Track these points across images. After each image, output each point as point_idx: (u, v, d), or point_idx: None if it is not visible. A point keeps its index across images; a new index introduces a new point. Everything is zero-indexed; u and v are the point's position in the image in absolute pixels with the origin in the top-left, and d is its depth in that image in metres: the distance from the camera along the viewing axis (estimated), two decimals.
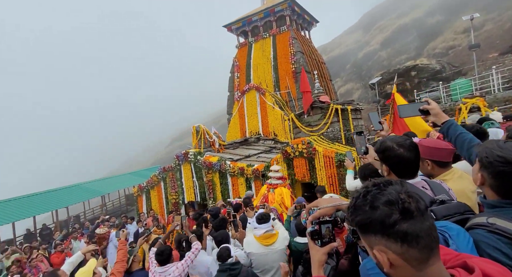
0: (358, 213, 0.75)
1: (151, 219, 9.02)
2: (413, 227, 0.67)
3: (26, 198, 14.03)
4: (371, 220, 0.71)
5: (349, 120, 9.14)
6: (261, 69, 15.18)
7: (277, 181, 6.69)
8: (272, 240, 3.22)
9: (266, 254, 3.18)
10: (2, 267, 7.31)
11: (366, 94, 29.89)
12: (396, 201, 0.70)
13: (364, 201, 0.74)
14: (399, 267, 0.70)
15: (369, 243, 0.75)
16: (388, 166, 1.41)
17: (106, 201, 19.15)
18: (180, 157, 10.53)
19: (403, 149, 1.37)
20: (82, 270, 2.87)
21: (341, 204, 1.27)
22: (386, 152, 1.40)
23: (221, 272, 2.80)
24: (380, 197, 0.72)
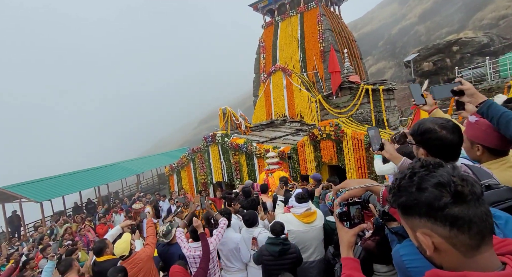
0: (402, 194, 0.73)
1: (181, 197, 9.55)
2: (466, 212, 0.64)
3: (73, 174, 15.49)
4: (417, 202, 0.68)
5: (381, 101, 8.70)
6: (287, 50, 14.74)
7: (274, 166, 7.36)
8: (313, 218, 3.33)
9: (307, 232, 3.30)
10: (57, 232, 8.27)
11: (399, 73, 28.01)
12: (447, 183, 0.67)
13: (410, 182, 0.72)
14: (444, 252, 0.69)
15: (412, 225, 0.74)
16: (426, 150, 1.32)
17: (141, 179, 20.53)
18: (208, 138, 10.85)
19: (446, 131, 1.27)
20: (120, 242, 3.14)
21: (372, 186, 1.25)
22: (426, 134, 1.31)
23: (274, 245, 2.90)
24: (429, 179, 0.69)
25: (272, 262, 2.94)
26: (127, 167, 18.54)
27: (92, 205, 13.93)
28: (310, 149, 8.46)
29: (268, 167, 7.25)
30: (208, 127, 42.55)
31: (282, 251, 2.89)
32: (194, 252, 3.12)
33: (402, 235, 1.82)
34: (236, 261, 3.62)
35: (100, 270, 3.05)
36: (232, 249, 3.57)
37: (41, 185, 13.12)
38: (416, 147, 1.40)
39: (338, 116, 9.39)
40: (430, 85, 1.59)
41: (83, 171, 16.32)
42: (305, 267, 3.21)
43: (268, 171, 7.12)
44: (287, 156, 8.98)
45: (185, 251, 3.15)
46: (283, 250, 2.90)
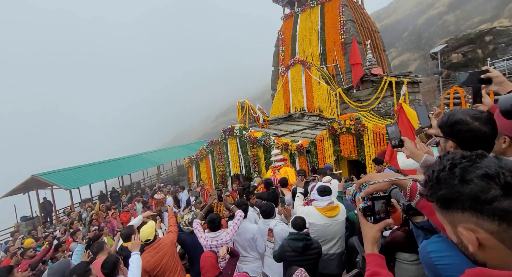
0: (442, 186, 0.69)
1: (200, 188, 9.79)
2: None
3: (99, 164, 16.29)
4: (460, 195, 0.64)
5: (405, 94, 8.38)
6: (307, 42, 14.47)
7: (280, 162, 7.39)
8: (336, 211, 3.30)
9: (329, 225, 3.26)
10: (87, 215, 8.78)
11: (425, 66, 26.72)
12: (496, 174, 0.62)
13: (451, 174, 0.67)
14: (490, 248, 0.64)
15: (452, 220, 0.70)
16: (456, 142, 1.25)
17: (161, 171, 21.21)
18: (226, 131, 10.98)
19: (479, 122, 1.20)
20: (146, 227, 3.28)
21: (398, 179, 1.20)
22: (457, 126, 1.24)
23: (297, 240, 2.87)
24: (473, 170, 0.65)
25: (296, 258, 2.90)
26: (148, 158, 19.20)
27: (116, 193, 14.61)
28: (329, 143, 8.35)
29: (274, 164, 7.31)
30: (227, 120, 42.95)
31: (305, 246, 2.87)
32: (211, 242, 3.21)
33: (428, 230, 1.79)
34: (253, 250, 3.68)
35: (128, 254, 3.23)
36: (249, 239, 3.63)
37: (70, 174, 13.91)
38: (443, 140, 1.33)
39: (359, 110, 9.16)
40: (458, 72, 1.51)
41: (108, 161, 17.09)
42: (325, 259, 3.20)
43: (274, 168, 7.20)
44: (305, 150, 8.92)
45: (202, 240, 3.25)
46: (307, 246, 2.87)
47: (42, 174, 12.91)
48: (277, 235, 3.38)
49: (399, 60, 30.95)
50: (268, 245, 3.46)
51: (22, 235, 7.66)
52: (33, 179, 12.71)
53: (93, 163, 16.33)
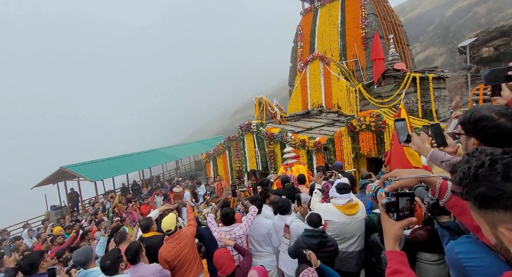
0: (481, 184, 0.64)
1: (216, 184, 9.94)
2: None
3: (121, 158, 16.95)
4: (503, 193, 0.60)
5: (430, 90, 8.00)
6: (326, 37, 14.16)
7: (292, 160, 7.35)
8: (355, 209, 3.24)
9: (348, 223, 3.22)
10: (110, 206, 9.19)
11: (451, 61, 25.39)
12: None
13: (492, 171, 0.63)
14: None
15: (491, 220, 0.65)
16: (480, 140, 1.19)
17: (179, 165, 21.75)
18: (243, 127, 11.04)
19: (505, 119, 1.14)
20: (167, 218, 3.40)
21: (427, 176, 1.15)
22: (480, 123, 1.18)
23: (312, 238, 2.87)
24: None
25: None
26: (167, 153, 19.73)
27: (137, 186, 15.17)
28: (347, 140, 8.19)
29: (286, 162, 7.27)
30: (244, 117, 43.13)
31: (320, 243, 2.85)
32: (224, 236, 3.26)
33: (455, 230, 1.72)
34: (267, 245, 3.70)
35: (148, 245, 3.36)
36: (264, 234, 3.64)
37: (95, 166, 14.58)
38: (465, 137, 1.27)
39: (380, 107, 8.88)
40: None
41: (130, 155, 17.75)
42: (344, 257, 3.18)
43: (287, 165, 7.16)
44: (323, 147, 8.79)
45: (216, 234, 3.30)
46: (322, 243, 2.85)
47: (69, 166, 13.63)
48: (293, 231, 3.37)
49: (423, 55, 29.61)
50: (284, 241, 3.46)
51: (52, 223, 8.15)
52: (61, 171, 13.44)
53: (116, 156, 17.02)
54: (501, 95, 1.43)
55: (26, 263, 2.63)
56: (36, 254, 2.72)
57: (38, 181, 14.20)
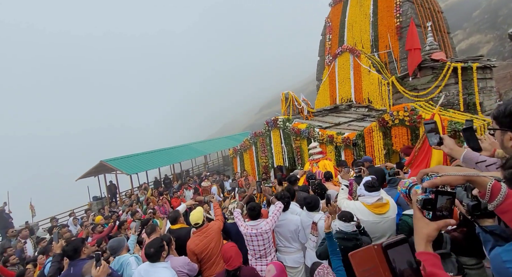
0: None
1: (243, 179, 10.06)
2: None
3: (153, 153, 17.86)
4: None
5: (473, 82, 7.31)
6: (357, 28, 13.54)
7: (318, 155, 7.09)
8: (385, 209, 3.09)
9: (378, 222, 3.08)
10: (143, 198, 9.73)
11: (500, 48, 22.99)
12: None
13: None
14: None
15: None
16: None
17: (208, 160, 22.36)
18: (269, 123, 11.01)
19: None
20: (195, 211, 3.52)
21: (476, 175, 1.03)
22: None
23: (346, 240, 2.75)
24: None
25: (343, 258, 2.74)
26: (197, 148, 20.36)
27: (168, 180, 15.88)
28: (379, 136, 7.81)
29: (312, 157, 7.06)
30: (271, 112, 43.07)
31: (355, 246, 2.71)
32: (251, 230, 3.26)
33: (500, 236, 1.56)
34: (295, 242, 3.67)
35: (176, 236, 3.51)
36: (292, 230, 3.62)
37: (131, 161, 15.52)
38: (501, 132, 1.18)
39: (415, 100, 8.32)
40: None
41: (162, 150, 18.61)
42: None
43: (313, 161, 6.94)
44: (352, 143, 8.49)
45: (242, 229, 3.32)
46: (356, 246, 2.71)
47: (108, 160, 14.65)
48: (320, 229, 3.29)
49: (466, 44, 27.16)
50: (311, 238, 3.41)
51: (93, 212, 8.85)
52: (101, 164, 14.49)
53: (149, 151, 17.95)
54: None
55: (70, 248, 2.90)
56: (79, 241, 2.97)
57: (81, 174, 15.48)
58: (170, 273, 2.68)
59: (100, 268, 2.43)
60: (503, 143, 1.19)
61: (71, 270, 2.86)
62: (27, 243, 5.38)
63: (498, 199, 0.99)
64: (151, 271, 2.66)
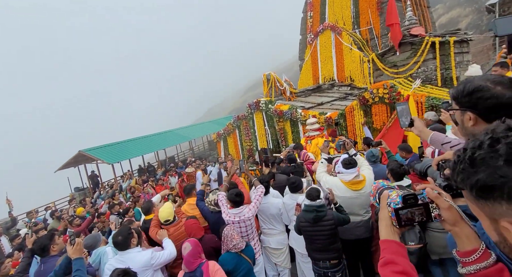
0: (479, 169, 0.53)
1: (230, 162, 9.99)
2: None
3: (136, 140, 17.39)
4: (507, 180, 0.49)
5: (451, 56, 7.34)
6: (337, 5, 13.18)
7: (314, 132, 6.99)
8: (361, 185, 3.25)
9: (355, 198, 3.25)
10: (126, 185, 9.57)
11: (478, 22, 23.23)
12: None
13: (493, 153, 0.51)
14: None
15: (492, 213, 0.55)
16: (477, 113, 1.10)
17: (193, 145, 22.09)
18: (252, 105, 10.84)
19: (502, 87, 1.05)
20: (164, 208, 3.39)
21: None
22: (476, 94, 1.09)
23: (308, 212, 2.93)
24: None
25: (309, 228, 2.96)
26: (181, 134, 20.00)
27: (152, 168, 15.62)
28: (360, 114, 7.84)
29: (308, 134, 6.97)
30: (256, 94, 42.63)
31: (316, 218, 2.88)
32: (234, 218, 3.21)
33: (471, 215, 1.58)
34: (278, 223, 3.70)
35: (148, 227, 3.43)
36: (274, 214, 3.64)
37: (112, 149, 15.06)
38: (460, 113, 1.16)
39: (395, 77, 8.33)
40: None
41: (144, 137, 18.15)
42: (352, 227, 3.24)
43: (308, 138, 6.88)
44: (334, 122, 8.50)
45: (225, 216, 3.27)
46: (318, 217, 2.88)
47: (87, 149, 14.14)
48: None
49: (446, 18, 27.28)
50: (294, 219, 3.44)
51: (74, 204, 8.62)
52: (80, 154, 13.99)
53: (131, 138, 17.45)
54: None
55: (37, 247, 2.79)
56: (46, 238, 2.83)
57: (60, 165, 14.94)
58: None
59: (74, 246, 2.36)
60: (463, 123, 1.17)
61: (41, 267, 2.77)
62: (2, 240, 5.20)
63: None
64: (124, 259, 2.59)
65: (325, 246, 2.94)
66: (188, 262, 2.46)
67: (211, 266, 2.45)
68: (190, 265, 2.46)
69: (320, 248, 2.97)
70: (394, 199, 0.98)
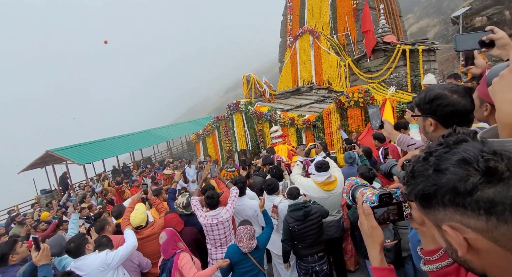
0: (418, 180, 0.57)
1: (209, 164, 9.87)
2: (505, 194, 0.47)
3: (110, 140, 16.65)
4: (437, 187, 0.53)
5: (419, 63, 7.80)
6: (316, 9, 13.51)
7: (277, 140, 7.28)
8: (333, 186, 3.43)
9: (327, 198, 3.43)
10: (99, 190, 9.15)
11: (445, 32, 24.85)
12: (474, 159, 0.51)
13: (426, 164, 0.56)
14: (484, 252, 0.52)
15: (435, 220, 0.58)
16: (437, 119, 1.21)
17: (171, 146, 21.57)
18: (231, 106, 10.80)
19: (457, 95, 1.16)
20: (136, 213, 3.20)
21: None
22: (435, 101, 1.19)
23: (296, 211, 3.06)
24: (449, 157, 0.54)
25: (300, 226, 3.06)
26: (158, 134, 19.45)
27: (127, 169, 15.04)
28: (336, 117, 8.09)
29: (272, 141, 7.17)
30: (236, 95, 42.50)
31: (305, 214, 3.04)
32: (211, 221, 3.17)
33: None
34: (255, 225, 3.71)
35: (120, 230, 3.30)
36: (250, 215, 3.64)
37: (83, 149, 14.32)
38: (422, 119, 1.26)
39: (369, 82, 8.69)
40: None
41: (119, 137, 17.44)
42: (324, 227, 3.37)
43: (272, 145, 7.07)
44: (312, 125, 8.70)
45: (202, 219, 3.20)
46: (306, 213, 3.05)
47: (56, 149, 13.34)
48: (281, 211, 3.44)
49: (417, 27, 28.92)
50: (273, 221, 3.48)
51: (39, 208, 8.09)
52: (48, 154, 13.18)
53: (105, 138, 16.71)
54: (475, 64, 1.37)
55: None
56: (5, 247, 2.63)
57: (25, 166, 13.97)
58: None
59: (40, 252, 2.23)
60: (424, 128, 1.26)
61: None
62: None
63: None
64: (78, 265, 2.49)
65: (315, 239, 3.11)
66: (163, 250, 2.68)
67: (181, 258, 2.56)
68: (165, 253, 2.67)
69: (310, 244, 3.11)
70: (369, 197, 0.98)
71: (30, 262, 2.34)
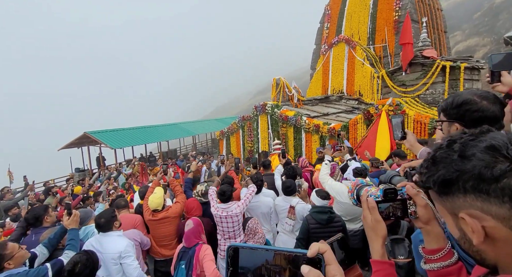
0: (439, 166, 0.57)
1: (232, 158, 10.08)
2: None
3: (140, 129, 17.61)
4: (461, 173, 0.52)
5: (460, 81, 7.38)
6: (355, 19, 13.31)
7: (276, 151, 7.46)
8: None
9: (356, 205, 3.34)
10: (127, 171, 9.70)
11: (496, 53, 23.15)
12: (503, 146, 0.51)
13: (450, 150, 0.57)
14: (502, 242, 0.51)
15: (452, 207, 0.57)
16: (464, 125, 1.18)
17: (196, 141, 22.25)
18: (258, 107, 10.94)
19: (487, 102, 1.14)
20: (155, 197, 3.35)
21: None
22: (464, 106, 1.17)
23: (321, 213, 2.97)
24: (476, 144, 0.53)
25: (319, 230, 2.97)
26: (185, 128, 20.18)
27: (153, 158, 15.75)
28: (362, 128, 7.89)
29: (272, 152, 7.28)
30: (264, 98, 42.80)
31: (329, 219, 2.95)
32: (221, 213, 3.25)
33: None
34: (267, 223, 3.74)
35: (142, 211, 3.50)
36: (265, 213, 3.68)
37: (116, 134, 15.27)
38: (448, 124, 1.25)
39: (402, 96, 8.38)
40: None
41: (149, 127, 18.37)
42: (349, 236, 3.32)
43: (271, 155, 7.24)
44: (337, 134, 8.56)
45: (213, 209, 3.30)
46: (330, 219, 2.95)
47: (92, 132, 14.37)
48: (298, 213, 3.40)
49: (464, 45, 27.19)
50: (287, 222, 3.45)
51: (72, 183, 8.76)
52: (85, 136, 14.22)
53: (136, 127, 17.68)
54: (501, 81, 1.34)
55: (31, 216, 2.84)
56: (41, 209, 2.92)
57: (64, 144, 15.19)
58: (125, 241, 2.67)
59: (71, 217, 2.44)
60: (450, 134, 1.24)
61: (32, 237, 2.81)
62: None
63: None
64: (103, 240, 2.63)
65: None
66: (186, 237, 2.65)
67: (203, 249, 2.58)
68: (187, 240, 2.65)
69: None
70: (374, 192, 0.97)
71: (61, 224, 2.57)
